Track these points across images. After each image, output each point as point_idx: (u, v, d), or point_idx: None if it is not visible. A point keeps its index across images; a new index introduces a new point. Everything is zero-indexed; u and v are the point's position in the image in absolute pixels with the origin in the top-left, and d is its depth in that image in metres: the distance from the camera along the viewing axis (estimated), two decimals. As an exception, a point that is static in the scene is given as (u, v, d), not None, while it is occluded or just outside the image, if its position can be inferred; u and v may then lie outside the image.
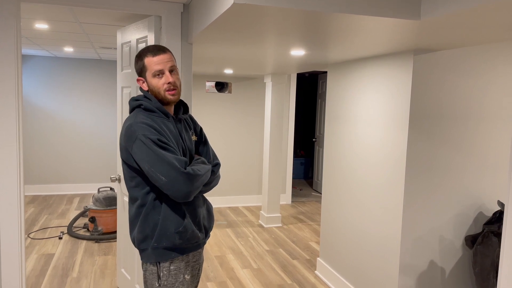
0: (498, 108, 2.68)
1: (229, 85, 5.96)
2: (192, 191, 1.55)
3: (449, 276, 2.72)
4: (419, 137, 2.54)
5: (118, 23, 3.09)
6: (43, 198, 6.12)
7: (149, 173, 1.53)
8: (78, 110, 6.39)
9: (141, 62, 1.66)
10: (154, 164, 1.50)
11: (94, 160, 6.52)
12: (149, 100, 1.65)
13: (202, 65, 4.26)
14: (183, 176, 1.51)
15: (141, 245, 1.64)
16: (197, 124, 1.87)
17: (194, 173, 1.55)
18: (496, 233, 2.47)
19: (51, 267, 3.69)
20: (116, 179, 3.05)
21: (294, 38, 2.32)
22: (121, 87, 3.00)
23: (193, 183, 1.54)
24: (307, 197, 6.80)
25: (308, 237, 4.78)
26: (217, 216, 5.55)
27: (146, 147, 1.51)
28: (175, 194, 1.53)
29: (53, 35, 3.96)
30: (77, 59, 6.29)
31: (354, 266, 3.15)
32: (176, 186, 1.51)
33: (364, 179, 3.00)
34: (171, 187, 1.51)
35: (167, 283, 1.64)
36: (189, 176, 1.52)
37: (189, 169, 1.54)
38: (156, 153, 1.50)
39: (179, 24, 2.60)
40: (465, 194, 2.67)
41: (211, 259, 4.01)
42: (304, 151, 8.45)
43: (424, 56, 2.49)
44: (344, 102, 3.30)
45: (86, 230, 4.67)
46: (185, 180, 1.51)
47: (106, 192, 4.56)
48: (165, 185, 1.51)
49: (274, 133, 5.10)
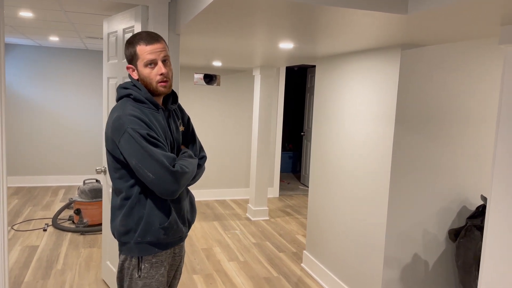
0: (484, 104, 2.71)
1: (218, 78, 5.93)
2: (178, 189, 1.53)
3: (433, 269, 2.76)
4: (405, 131, 2.56)
5: (104, 12, 3.04)
6: (27, 190, 6.03)
7: (136, 168, 1.49)
8: (64, 100, 6.30)
9: (133, 49, 1.58)
10: (142, 160, 1.47)
11: (79, 152, 6.45)
12: (139, 89, 1.59)
13: (190, 56, 4.22)
14: (171, 175, 1.48)
15: (122, 237, 1.61)
16: (185, 114, 1.83)
17: (182, 170, 1.52)
18: (478, 227, 2.51)
19: (35, 259, 3.65)
20: (101, 171, 3.02)
21: (282, 31, 2.30)
22: (107, 77, 2.96)
23: (180, 181, 1.52)
24: (294, 190, 6.82)
25: (295, 230, 4.80)
26: (204, 208, 5.54)
27: (135, 142, 1.47)
28: (161, 191, 1.50)
29: (38, 23, 3.88)
30: (63, 48, 6.18)
31: (339, 259, 3.17)
32: (163, 184, 1.48)
33: (350, 173, 3.02)
34: (158, 184, 1.48)
35: (147, 275, 1.61)
36: (177, 174, 1.50)
37: (177, 166, 1.51)
38: (145, 149, 1.47)
39: (166, 14, 2.56)
40: (449, 188, 2.71)
41: (197, 251, 4.01)
42: (293, 145, 8.47)
43: (412, 51, 2.50)
44: (332, 96, 3.31)
45: (71, 222, 4.62)
46: (173, 178, 1.49)
47: (91, 184, 4.51)
48: (152, 182, 1.48)
49: (263, 127, 5.10)
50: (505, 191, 1.64)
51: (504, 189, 1.65)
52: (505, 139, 1.65)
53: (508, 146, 1.63)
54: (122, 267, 1.64)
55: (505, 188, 1.64)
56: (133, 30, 2.58)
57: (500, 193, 1.66)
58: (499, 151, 1.67)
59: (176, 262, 1.78)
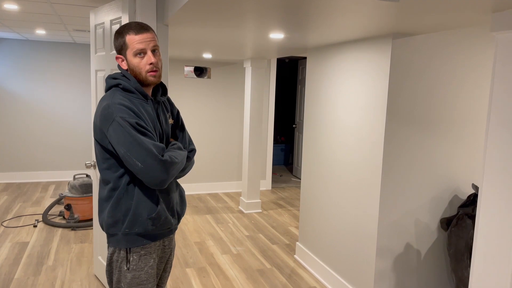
0: (475, 94, 2.71)
1: (208, 70, 5.88)
2: (167, 179, 1.51)
3: (425, 257, 2.77)
4: (397, 121, 2.55)
5: (91, 3, 2.98)
6: (17, 186, 5.95)
7: (125, 158, 1.47)
8: (52, 95, 6.21)
9: (122, 39, 1.58)
10: (130, 149, 1.45)
11: (69, 146, 6.37)
12: (128, 79, 1.58)
13: (180, 48, 4.17)
14: (160, 164, 1.47)
15: (110, 229, 1.59)
16: (174, 107, 1.82)
17: (171, 160, 1.50)
18: (470, 216, 2.52)
19: (26, 255, 3.60)
20: (91, 165, 2.98)
21: (273, 19, 2.27)
22: (95, 70, 2.91)
23: (169, 171, 1.50)
24: (287, 183, 6.82)
25: (288, 222, 4.80)
26: (197, 202, 5.52)
27: (123, 130, 1.45)
28: (150, 180, 1.48)
29: (24, 16, 3.80)
30: (50, 42, 6.08)
31: (332, 249, 3.18)
32: (152, 173, 1.46)
33: (342, 164, 3.01)
34: (147, 173, 1.47)
35: (136, 267, 1.60)
36: (166, 163, 1.48)
37: (166, 156, 1.50)
38: (133, 137, 1.45)
39: (154, 4, 2.52)
40: (440, 177, 2.71)
41: (190, 245, 3.99)
42: (285, 137, 8.46)
43: (403, 41, 2.49)
44: (323, 87, 3.29)
45: (62, 218, 4.58)
46: (162, 167, 1.47)
47: (82, 179, 4.46)
48: (140, 171, 1.47)
49: (254, 119, 5.07)
50: (496, 179, 1.64)
51: (495, 178, 1.65)
52: (496, 128, 1.64)
53: (499, 135, 1.63)
54: (111, 260, 1.63)
55: (496, 177, 1.64)
56: (121, 21, 2.53)
57: (491, 181, 1.66)
58: (490, 140, 1.66)
59: (165, 254, 1.76)
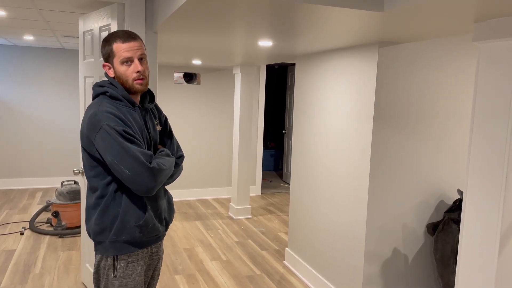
0: (459, 101, 2.76)
1: (198, 76, 5.89)
2: (155, 186, 1.51)
3: (412, 262, 2.80)
4: (384, 128, 2.59)
5: (79, 10, 2.98)
6: (3, 193, 5.87)
7: (112, 165, 1.48)
8: (40, 101, 6.15)
9: (109, 47, 1.59)
10: (118, 156, 1.45)
11: (56, 153, 6.31)
12: (115, 87, 1.58)
13: (169, 55, 4.17)
14: (148, 171, 1.47)
15: (97, 237, 1.58)
16: (162, 113, 1.82)
17: (159, 167, 1.51)
18: (456, 221, 2.56)
19: (12, 263, 3.55)
20: (79, 172, 2.96)
21: (261, 28, 2.30)
22: (84, 77, 2.90)
23: (157, 178, 1.50)
24: (276, 188, 6.84)
25: (277, 228, 4.81)
26: (186, 208, 5.50)
27: (111, 138, 1.45)
28: (138, 188, 1.49)
29: (11, 22, 3.77)
30: (38, 48, 6.04)
31: (321, 255, 3.19)
32: (140, 181, 1.47)
33: (330, 169, 3.04)
34: (135, 181, 1.47)
35: (123, 275, 1.60)
36: (153, 171, 1.49)
37: (154, 163, 1.50)
38: (121, 145, 1.45)
39: (143, 11, 2.53)
40: (427, 183, 2.75)
41: (179, 252, 3.98)
42: (274, 143, 8.49)
43: (389, 49, 2.53)
44: (312, 94, 3.32)
45: (49, 225, 4.52)
46: (149, 175, 1.48)
47: (69, 186, 4.42)
48: (128, 178, 1.47)
49: (244, 125, 5.09)
50: (480, 185, 1.68)
51: (479, 183, 1.68)
52: (479, 135, 1.68)
53: (482, 141, 1.67)
54: (98, 267, 1.62)
55: (480, 182, 1.68)
56: (109, 28, 2.53)
57: (475, 187, 1.70)
58: (474, 146, 1.70)
59: (153, 261, 1.76)
